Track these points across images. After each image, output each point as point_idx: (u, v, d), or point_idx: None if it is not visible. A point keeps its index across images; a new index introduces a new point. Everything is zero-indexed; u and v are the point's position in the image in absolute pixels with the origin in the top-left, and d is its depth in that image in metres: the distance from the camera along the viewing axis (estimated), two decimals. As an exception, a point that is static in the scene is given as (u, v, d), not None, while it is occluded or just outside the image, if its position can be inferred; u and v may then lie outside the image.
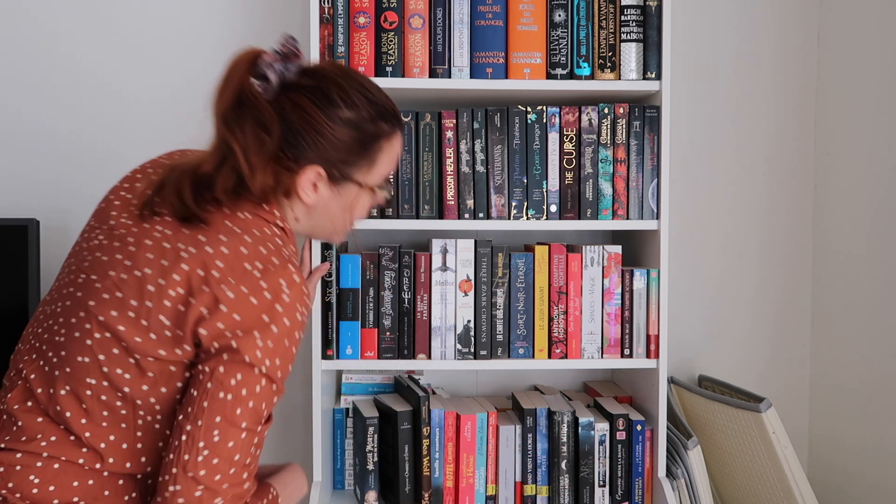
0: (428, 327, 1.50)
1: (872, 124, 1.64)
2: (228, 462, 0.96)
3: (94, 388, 0.98)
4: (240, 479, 0.98)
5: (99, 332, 0.98)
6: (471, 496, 1.54)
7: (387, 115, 1.10)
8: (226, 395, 0.95)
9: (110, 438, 0.99)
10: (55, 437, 0.99)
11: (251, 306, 0.96)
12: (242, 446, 0.97)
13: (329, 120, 1.04)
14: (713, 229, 1.85)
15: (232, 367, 0.95)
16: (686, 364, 1.85)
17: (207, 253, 0.98)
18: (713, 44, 1.83)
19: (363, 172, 1.10)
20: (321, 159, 1.05)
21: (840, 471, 1.74)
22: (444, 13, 1.48)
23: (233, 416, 0.96)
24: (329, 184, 1.08)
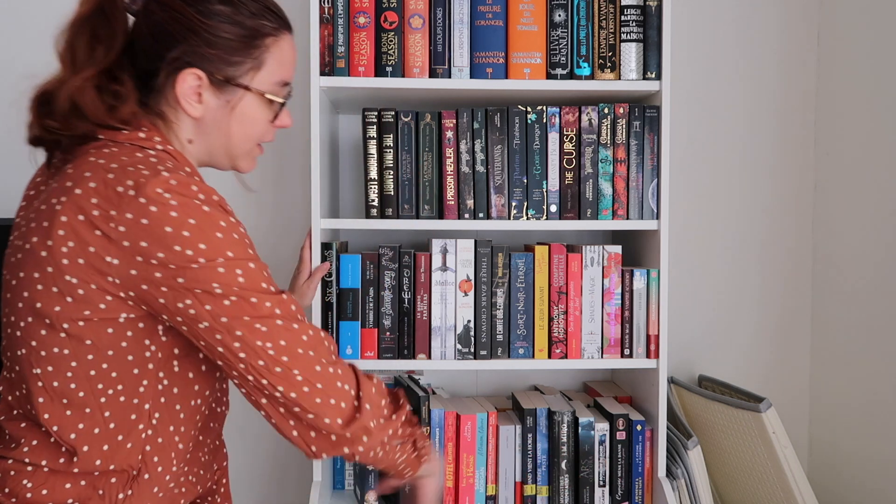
0: (428, 327, 1.50)
1: (872, 124, 1.64)
2: (302, 359, 0.94)
3: (43, 377, 0.93)
4: (326, 356, 0.96)
5: (23, 320, 0.93)
6: (471, 496, 1.54)
7: (269, 13, 1.03)
8: (241, 327, 0.91)
9: (79, 427, 0.95)
10: (36, 441, 0.96)
11: (146, 228, 0.88)
12: (292, 334, 0.94)
13: (200, 14, 0.96)
14: (713, 229, 1.85)
15: (209, 304, 0.90)
16: (686, 364, 1.85)
17: (77, 195, 0.90)
18: (713, 44, 1.83)
19: (249, 75, 1.01)
20: (199, 61, 0.97)
21: (840, 472, 1.74)
22: (444, 13, 1.48)
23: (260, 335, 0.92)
24: (213, 89, 0.99)
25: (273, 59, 1.04)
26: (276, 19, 1.04)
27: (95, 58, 0.95)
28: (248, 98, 1.03)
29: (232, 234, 0.92)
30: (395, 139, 1.49)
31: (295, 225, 1.79)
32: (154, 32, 0.97)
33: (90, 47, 0.96)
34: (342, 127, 1.78)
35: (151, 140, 0.97)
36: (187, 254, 0.88)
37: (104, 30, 0.96)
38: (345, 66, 1.47)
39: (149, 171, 0.90)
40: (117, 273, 0.89)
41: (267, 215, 1.80)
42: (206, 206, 0.91)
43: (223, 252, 0.90)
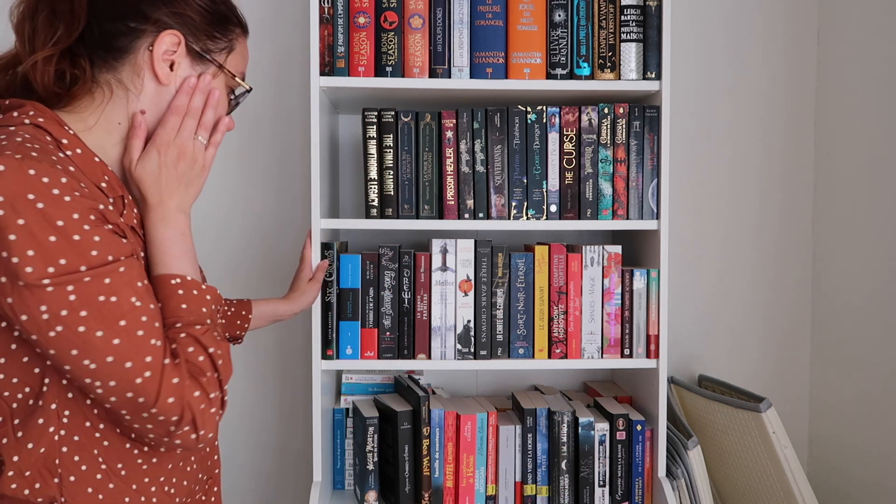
0: (428, 327, 1.50)
1: (872, 124, 1.64)
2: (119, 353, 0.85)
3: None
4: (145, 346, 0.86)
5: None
6: (471, 496, 1.54)
7: (235, 10, 1.04)
8: (54, 330, 0.82)
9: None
10: None
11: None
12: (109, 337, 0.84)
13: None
14: (713, 229, 1.85)
15: (26, 303, 0.81)
16: (686, 364, 1.85)
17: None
18: (713, 44, 1.83)
19: (223, 55, 1.01)
20: (180, 25, 0.96)
21: (840, 471, 1.74)
22: (444, 13, 1.48)
23: (82, 337, 0.83)
24: (188, 59, 0.97)
25: (239, 48, 1.04)
26: (241, 17, 1.06)
27: (57, 37, 0.91)
28: (217, 77, 1.01)
29: (71, 238, 0.82)
30: (395, 139, 1.49)
31: (295, 225, 1.79)
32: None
33: (49, 23, 0.91)
34: (342, 127, 1.78)
35: (21, 117, 0.90)
36: (13, 263, 0.79)
37: (63, 4, 0.92)
38: (345, 66, 1.47)
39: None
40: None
41: (267, 215, 1.80)
42: (39, 196, 0.80)
43: (56, 261, 0.81)
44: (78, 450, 0.91)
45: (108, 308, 0.84)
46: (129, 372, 0.85)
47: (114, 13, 0.94)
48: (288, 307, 1.40)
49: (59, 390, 0.89)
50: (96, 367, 0.84)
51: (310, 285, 1.43)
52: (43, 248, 0.80)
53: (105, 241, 0.85)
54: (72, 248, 0.82)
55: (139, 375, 0.85)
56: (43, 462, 0.89)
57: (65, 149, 0.90)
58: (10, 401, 0.89)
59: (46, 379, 0.89)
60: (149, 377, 0.86)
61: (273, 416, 1.82)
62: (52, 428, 0.89)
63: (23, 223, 0.79)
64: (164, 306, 0.93)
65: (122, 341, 0.84)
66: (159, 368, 0.87)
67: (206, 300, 0.96)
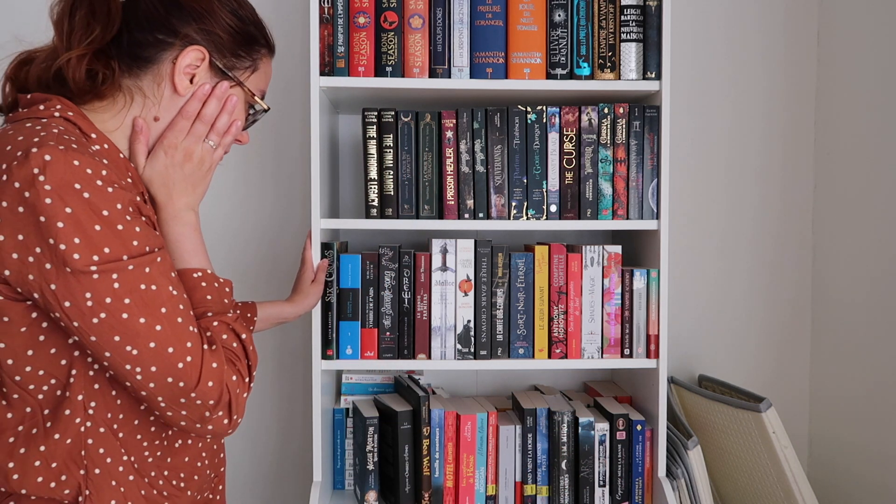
0: (428, 327, 1.50)
1: (872, 124, 1.64)
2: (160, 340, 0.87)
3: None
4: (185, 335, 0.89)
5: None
6: (471, 496, 1.54)
7: (266, 31, 1.07)
8: (97, 317, 0.84)
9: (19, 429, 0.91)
10: None
11: (22, 218, 0.81)
12: (151, 323, 0.87)
13: (219, 1, 1.00)
14: (713, 229, 1.85)
15: (71, 290, 0.82)
16: (686, 364, 1.85)
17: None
18: (713, 44, 1.83)
19: (245, 73, 1.04)
20: (206, 41, 0.99)
21: (840, 471, 1.74)
22: (443, 13, 1.48)
23: (125, 324, 0.85)
24: (209, 73, 1.00)
25: (263, 68, 1.08)
26: (269, 38, 1.09)
27: (93, 37, 0.94)
28: (237, 94, 1.05)
29: (116, 225, 0.85)
30: (394, 139, 1.49)
31: (295, 225, 1.79)
32: (168, 3, 0.97)
33: (87, 23, 0.95)
34: (342, 127, 1.78)
35: (50, 110, 0.92)
36: (60, 250, 0.82)
37: (101, 5, 0.95)
38: (345, 66, 1.47)
39: (24, 150, 0.82)
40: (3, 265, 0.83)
41: (267, 215, 1.80)
42: (86, 188, 0.83)
43: (101, 250, 0.83)
44: (103, 442, 0.93)
45: (149, 296, 0.86)
46: (171, 357, 0.87)
47: (145, 24, 0.97)
48: (292, 310, 1.40)
49: (85, 382, 0.91)
50: (139, 352, 0.86)
51: (312, 287, 1.43)
52: (89, 237, 0.82)
53: (143, 232, 0.88)
54: (115, 238, 0.84)
55: (181, 360, 0.88)
56: (69, 453, 0.91)
57: (93, 143, 0.94)
58: (37, 392, 0.90)
59: (73, 370, 0.90)
60: (190, 362, 0.88)
61: (273, 416, 1.82)
62: (78, 419, 0.91)
63: (70, 212, 0.82)
64: (191, 298, 0.96)
65: (163, 328, 0.87)
66: (199, 353, 0.89)
67: (226, 292, 1.01)
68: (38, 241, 0.82)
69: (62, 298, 0.83)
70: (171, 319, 0.88)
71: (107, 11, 0.95)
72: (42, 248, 0.82)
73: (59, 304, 0.83)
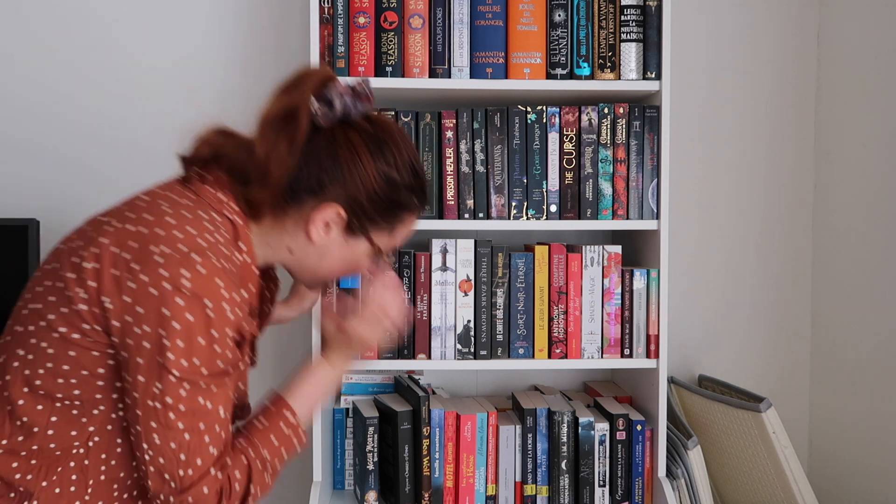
0: (428, 327, 1.50)
1: (872, 124, 1.64)
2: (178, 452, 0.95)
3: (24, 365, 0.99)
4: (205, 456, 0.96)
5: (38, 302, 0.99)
6: (471, 496, 1.54)
7: (420, 192, 1.10)
8: (154, 402, 0.93)
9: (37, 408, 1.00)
10: None
11: (151, 298, 0.90)
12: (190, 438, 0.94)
13: (374, 167, 1.02)
14: (713, 229, 1.85)
15: (150, 373, 0.92)
16: (686, 364, 1.85)
17: (127, 230, 0.95)
18: (713, 44, 1.83)
19: (379, 234, 1.08)
20: (348, 202, 1.03)
21: (840, 470, 1.74)
22: (444, 13, 1.48)
23: (167, 421, 0.93)
24: (343, 231, 1.06)
25: (402, 228, 1.11)
26: (423, 198, 1.11)
27: (289, 167, 1.00)
28: (364, 247, 1.09)
29: (214, 347, 0.93)
30: (395, 139, 1.49)
31: (295, 225, 1.79)
32: (328, 155, 1.02)
33: (289, 146, 1.00)
34: (342, 127, 1.78)
35: (226, 207, 1.01)
36: (164, 342, 0.91)
37: (293, 129, 1.00)
38: (345, 66, 1.47)
39: (187, 248, 0.93)
40: (108, 313, 0.93)
41: (267, 215, 1.79)
42: (213, 311, 0.92)
43: (190, 360, 0.92)
44: (80, 471, 0.99)
45: (200, 410, 0.95)
46: (179, 463, 0.94)
47: (304, 166, 1.01)
48: (289, 311, 1.40)
49: (102, 420, 0.99)
50: (160, 444, 0.94)
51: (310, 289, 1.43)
52: (191, 345, 0.92)
53: (232, 356, 0.97)
54: (209, 355, 0.93)
55: (185, 469, 0.94)
56: (52, 462, 0.97)
57: (240, 252, 1.02)
58: (58, 401, 0.97)
59: (101, 407, 0.98)
60: (190, 475, 0.95)
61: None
62: (77, 442, 0.98)
63: (190, 320, 0.91)
64: (264, 416, 1.06)
65: (191, 438, 0.94)
66: (202, 473, 0.96)
67: (292, 447, 1.08)
68: (151, 323, 0.91)
69: (138, 373, 0.92)
70: (200, 435, 0.94)
71: (293, 136, 1.00)
72: (151, 329, 0.91)
73: (134, 373, 0.92)
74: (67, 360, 0.95)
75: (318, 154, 1.01)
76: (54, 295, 0.95)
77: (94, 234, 0.96)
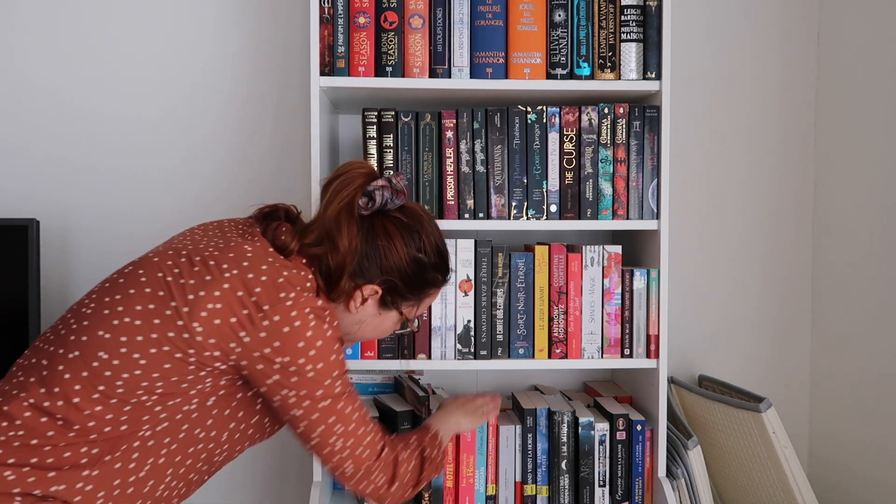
0: (428, 327, 1.50)
1: (872, 125, 1.64)
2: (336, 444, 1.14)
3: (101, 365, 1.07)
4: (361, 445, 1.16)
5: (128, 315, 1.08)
6: (471, 496, 1.54)
7: (445, 269, 1.25)
8: (322, 414, 1.11)
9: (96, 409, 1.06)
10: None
11: (285, 335, 1.05)
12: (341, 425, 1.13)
13: (406, 253, 1.18)
14: (713, 229, 1.85)
15: (310, 387, 1.08)
16: (686, 364, 1.85)
17: (248, 278, 1.06)
18: (713, 44, 1.83)
19: (409, 306, 1.23)
20: (384, 282, 1.18)
21: (840, 470, 1.74)
22: (444, 13, 1.48)
23: (336, 427, 1.12)
24: (377, 304, 1.20)
25: (429, 300, 1.27)
26: (447, 274, 1.26)
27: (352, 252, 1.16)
28: (395, 316, 1.24)
29: (330, 357, 1.09)
30: (395, 139, 1.49)
31: (295, 225, 1.79)
32: (368, 243, 1.16)
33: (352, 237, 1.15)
34: (342, 127, 1.78)
35: (310, 281, 1.14)
36: (304, 365, 1.07)
37: (353, 223, 1.16)
38: (345, 66, 1.47)
39: (306, 292, 1.08)
40: (241, 345, 1.05)
41: (267, 215, 1.79)
42: (329, 330, 1.09)
43: (326, 372, 1.09)
44: (142, 451, 1.06)
45: (357, 411, 1.17)
46: (353, 458, 1.16)
47: (352, 256, 1.16)
48: None
49: (175, 409, 1.07)
50: (333, 442, 1.14)
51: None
52: (332, 363, 1.09)
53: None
54: (342, 368, 1.12)
55: (357, 462, 1.17)
56: (117, 438, 1.04)
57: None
58: (141, 395, 1.04)
59: (178, 399, 1.06)
60: (364, 465, 1.17)
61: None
62: (147, 416, 1.05)
63: (320, 344, 1.07)
64: (422, 434, 1.30)
65: (357, 437, 1.16)
66: (371, 463, 1.18)
67: (439, 461, 1.29)
68: (287, 354, 1.06)
69: (299, 388, 1.09)
70: (364, 433, 1.17)
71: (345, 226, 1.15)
72: (291, 358, 1.06)
73: (296, 389, 1.09)
74: (159, 371, 1.03)
75: (362, 243, 1.16)
76: (159, 318, 1.03)
77: (213, 272, 1.06)
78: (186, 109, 1.76)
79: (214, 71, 1.77)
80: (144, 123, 1.76)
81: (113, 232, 1.75)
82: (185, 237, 1.16)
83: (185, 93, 1.76)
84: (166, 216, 1.75)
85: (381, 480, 1.18)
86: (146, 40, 1.76)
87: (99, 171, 1.76)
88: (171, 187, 1.77)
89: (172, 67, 1.76)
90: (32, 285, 1.52)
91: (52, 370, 1.03)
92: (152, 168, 1.77)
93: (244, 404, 1.13)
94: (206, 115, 1.78)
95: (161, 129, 1.76)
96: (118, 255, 1.75)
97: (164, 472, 1.08)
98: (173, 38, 1.76)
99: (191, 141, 1.78)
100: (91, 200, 1.76)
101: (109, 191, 1.76)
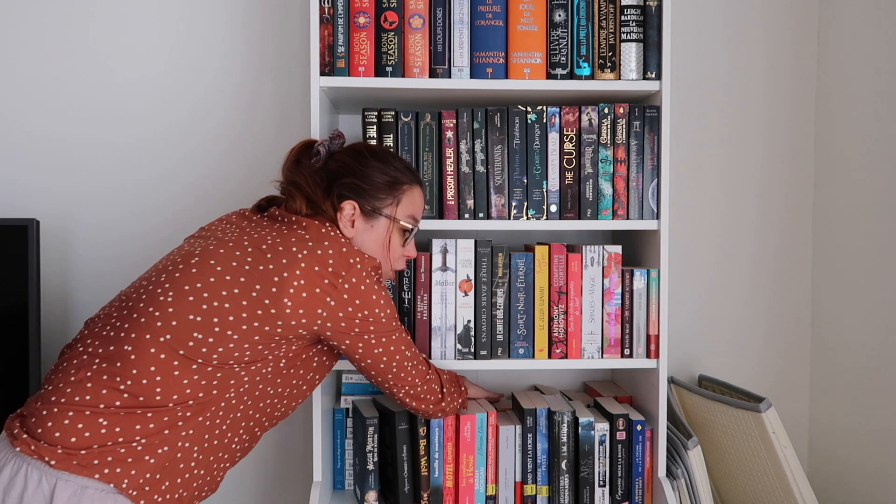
0: (428, 327, 1.50)
1: (872, 124, 1.64)
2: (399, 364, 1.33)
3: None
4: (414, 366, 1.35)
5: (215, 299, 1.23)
6: (471, 496, 1.54)
7: (408, 170, 1.37)
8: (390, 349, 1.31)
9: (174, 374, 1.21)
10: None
11: (361, 293, 1.24)
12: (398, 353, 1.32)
13: (361, 165, 1.33)
14: (713, 229, 1.85)
15: (381, 334, 1.28)
16: (686, 364, 1.85)
17: (318, 255, 1.23)
18: (713, 44, 1.83)
19: (391, 208, 1.33)
20: (356, 195, 1.31)
21: (840, 470, 1.74)
22: (444, 13, 1.48)
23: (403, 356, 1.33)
24: (363, 217, 1.31)
25: (406, 199, 1.35)
26: (412, 175, 1.37)
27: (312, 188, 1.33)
28: (386, 224, 1.33)
29: (389, 301, 1.29)
30: (395, 139, 1.49)
31: (295, 225, 1.79)
32: (328, 178, 1.33)
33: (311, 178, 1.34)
34: (342, 127, 1.78)
35: (341, 240, 1.29)
36: (379, 314, 1.26)
37: (304, 172, 1.35)
38: (345, 66, 1.47)
39: (360, 263, 1.25)
40: (327, 309, 1.21)
41: (267, 215, 1.79)
42: (382, 289, 1.28)
43: (391, 314, 1.29)
44: (226, 409, 1.21)
45: (410, 343, 1.36)
46: (419, 375, 1.38)
47: (325, 181, 1.33)
48: None
49: (255, 372, 1.22)
50: (406, 367, 1.35)
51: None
52: (389, 310, 1.29)
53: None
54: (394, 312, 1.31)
55: (422, 378, 1.39)
56: (208, 400, 1.18)
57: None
58: (233, 364, 1.20)
59: (259, 364, 1.22)
60: (424, 378, 1.38)
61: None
62: (233, 387, 1.20)
63: (380, 298, 1.27)
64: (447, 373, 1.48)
65: (415, 362, 1.37)
66: (427, 378, 1.39)
67: (460, 398, 1.48)
68: (364, 308, 1.25)
69: (373, 335, 1.28)
70: (417, 357, 1.37)
71: (303, 175, 1.35)
72: (369, 311, 1.25)
73: (373, 337, 1.28)
74: (250, 342, 1.19)
75: (322, 177, 1.33)
76: (246, 300, 1.18)
77: (287, 256, 1.21)
78: (186, 110, 1.76)
79: (214, 71, 1.77)
80: (144, 123, 1.76)
81: (113, 232, 1.75)
82: (226, 231, 1.30)
83: (185, 93, 1.76)
84: (167, 216, 1.75)
85: (433, 396, 1.40)
86: (146, 41, 1.76)
87: (99, 171, 1.76)
88: (171, 187, 1.77)
89: (173, 68, 1.76)
90: (32, 285, 1.52)
91: (139, 353, 1.16)
92: (152, 168, 1.77)
93: (305, 364, 1.29)
94: (207, 115, 1.78)
95: (161, 130, 1.76)
96: (118, 255, 1.76)
97: (238, 425, 1.24)
98: (174, 39, 1.76)
99: (191, 141, 1.78)
100: (90, 200, 1.76)
101: (109, 191, 1.77)
